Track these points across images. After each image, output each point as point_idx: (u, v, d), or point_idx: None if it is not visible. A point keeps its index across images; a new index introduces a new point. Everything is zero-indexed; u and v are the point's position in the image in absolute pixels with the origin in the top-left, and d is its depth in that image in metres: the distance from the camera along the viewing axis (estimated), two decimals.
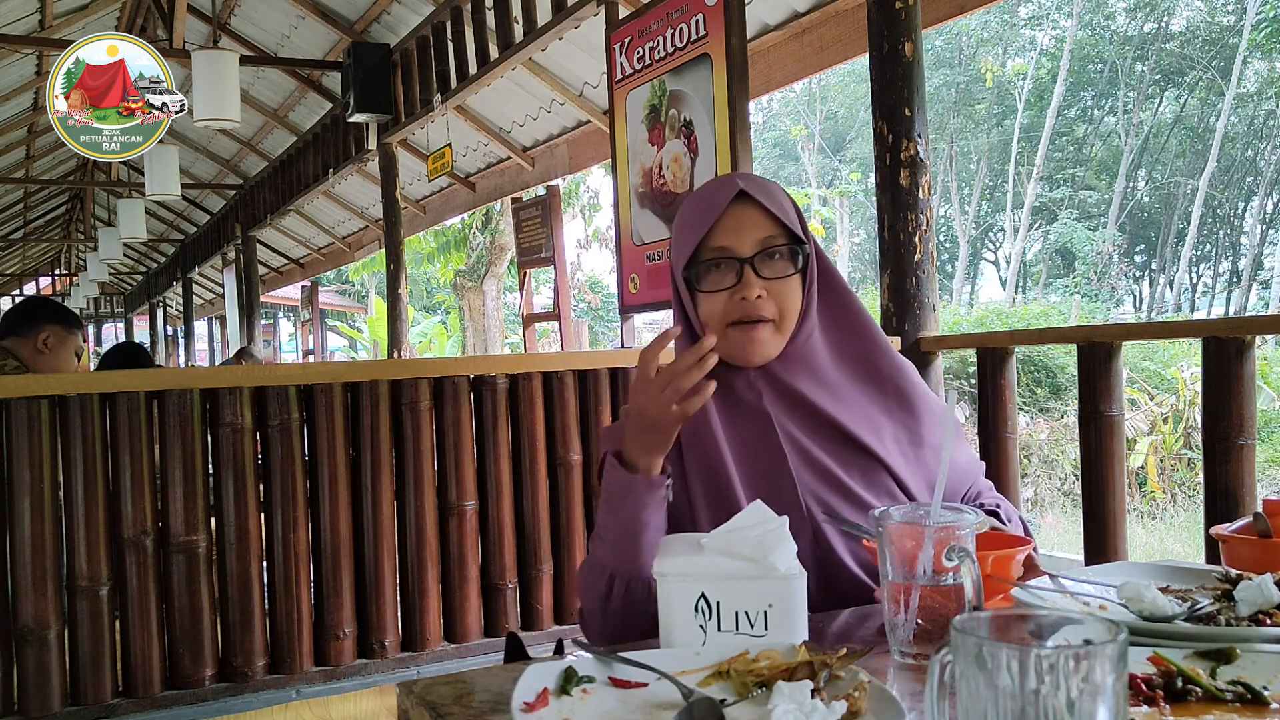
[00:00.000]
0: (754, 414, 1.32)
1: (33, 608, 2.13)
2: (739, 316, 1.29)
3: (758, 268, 1.29)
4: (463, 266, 11.86)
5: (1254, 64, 22.47)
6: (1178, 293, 25.02)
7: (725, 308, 1.29)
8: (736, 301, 1.28)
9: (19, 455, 2.12)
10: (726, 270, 1.30)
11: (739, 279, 1.29)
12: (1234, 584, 1.03)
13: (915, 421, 1.35)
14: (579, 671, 0.90)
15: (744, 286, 1.28)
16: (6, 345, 3.22)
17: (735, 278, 1.29)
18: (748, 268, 1.28)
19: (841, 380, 1.34)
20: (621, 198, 3.70)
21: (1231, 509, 2.11)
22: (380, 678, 2.45)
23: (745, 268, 1.28)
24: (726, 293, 1.29)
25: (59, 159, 11.30)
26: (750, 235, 1.29)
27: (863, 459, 1.31)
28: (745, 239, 1.29)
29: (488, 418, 2.59)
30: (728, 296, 1.29)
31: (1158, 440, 8.59)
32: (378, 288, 17.57)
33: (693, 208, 1.35)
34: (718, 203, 1.31)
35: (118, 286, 21.30)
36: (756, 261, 1.29)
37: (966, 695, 0.61)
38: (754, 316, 1.28)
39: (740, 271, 1.29)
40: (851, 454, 1.31)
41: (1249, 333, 2.15)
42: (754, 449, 1.31)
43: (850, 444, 1.31)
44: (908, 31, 2.75)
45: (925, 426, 1.36)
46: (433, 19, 5.66)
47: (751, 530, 1.00)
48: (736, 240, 1.29)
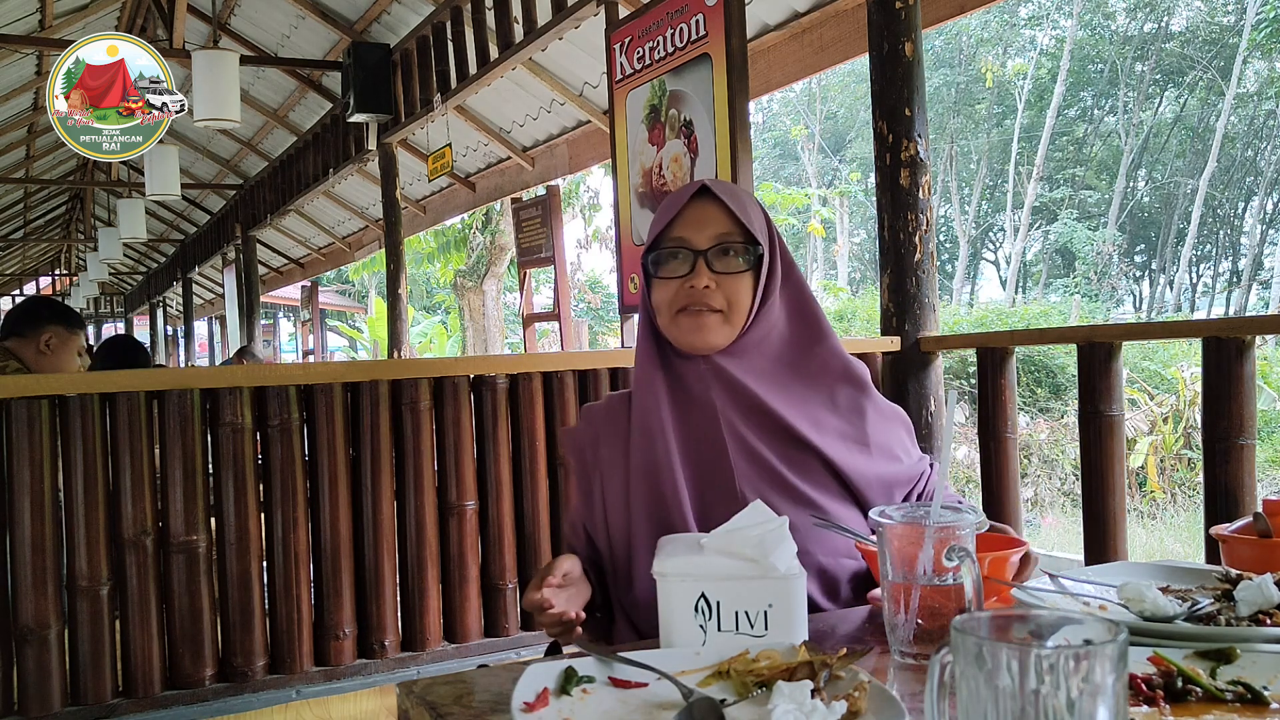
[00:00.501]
0: (701, 404, 1.37)
1: (33, 608, 2.13)
2: (686, 303, 1.36)
3: (710, 261, 1.36)
4: (463, 266, 11.86)
5: (1254, 64, 22.47)
6: (1178, 293, 25.02)
7: (675, 294, 1.37)
8: (686, 289, 1.36)
9: (19, 455, 2.12)
10: (683, 261, 1.37)
11: (691, 269, 1.36)
12: (1234, 584, 1.03)
13: (863, 421, 1.40)
14: (579, 671, 0.90)
15: (694, 276, 1.35)
16: (8, 346, 3.21)
17: (688, 268, 1.36)
18: (701, 259, 1.36)
19: (790, 377, 1.40)
20: (621, 198, 3.70)
21: (1231, 509, 2.11)
22: (380, 678, 2.45)
23: (699, 259, 1.36)
24: (678, 281, 1.37)
25: (59, 159, 11.30)
26: (708, 230, 1.37)
27: (804, 454, 1.35)
28: (703, 233, 1.37)
29: (488, 418, 2.59)
30: (679, 284, 1.36)
31: (1158, 440, 8.59)
32: (378, 288, 17.57)
33: (662, 203, 1.44)
34: (681, 197, 1.40)
35: (118, 286, 21.31)
36: (710, 255, 1.36)
37: (966, 695, 0.61)
38: (700, 304, 1.35)
39: (694, 263, 1.36)
40: (793, 449, 1.35)
41: (1249, 333, 2.15)
42: (697, 437, 1.36)
43: (792, 439, 1.35)
44: (908, 31, 2.75)
45: (873, 428, 1.41)
46: (433, 19, 5.66)
47: (751, 530, 1.00)
48: (695, 233, 1.37)
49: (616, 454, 1.41)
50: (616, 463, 1.40)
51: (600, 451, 1.43)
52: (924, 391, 2.85)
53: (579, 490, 1.47)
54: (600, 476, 1.42)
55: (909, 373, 2.84)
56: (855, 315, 13.35)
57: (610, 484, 1.40)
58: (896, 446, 1.43)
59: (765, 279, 1.38)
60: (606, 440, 1.43)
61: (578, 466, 1.47)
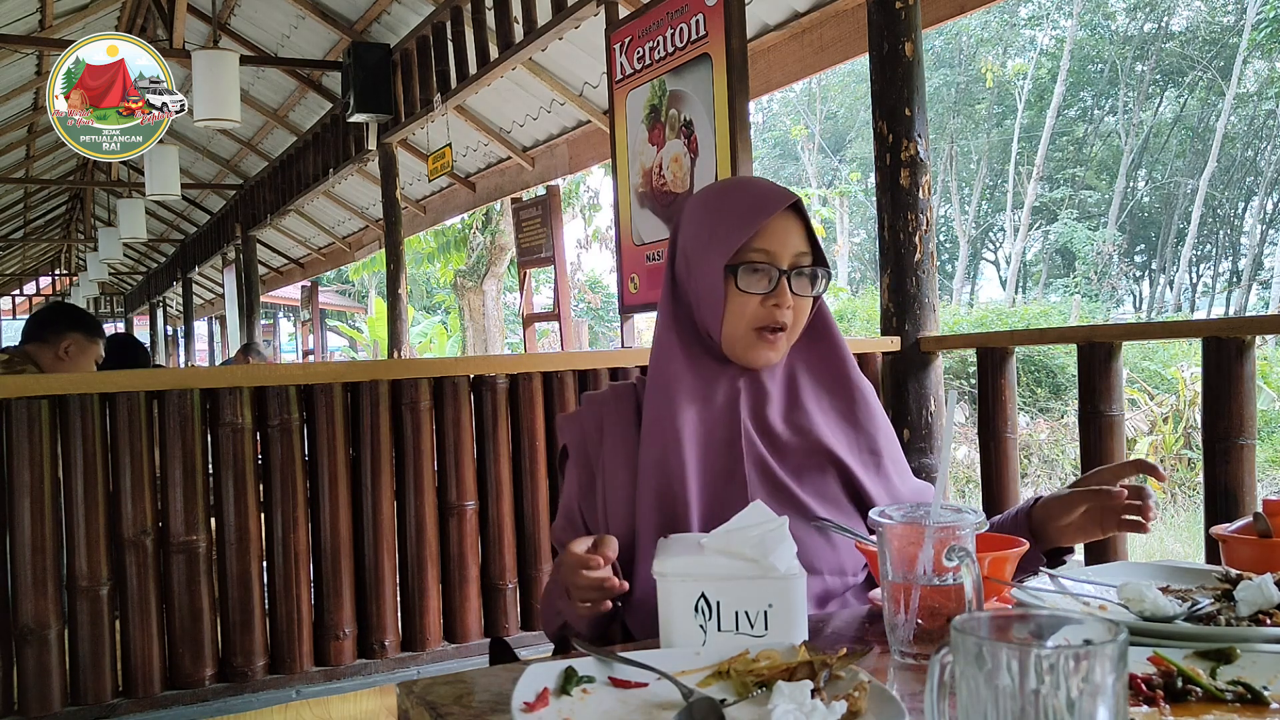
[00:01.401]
0: (724, 413, 1.35)
1: (33, 608, 2.13)
2: (768, 323, 1.32)
3: (791, 282, 1.33)
4: (463, 266, 11.86)
5: (1254, 64, 22.47)
6: (1178, 293, 25.02)
7: (756, 311, 1.32)
8: (769, 308, 1.32)
9: (19, 455, 2.12)
10: (765, 276, 1.33)
11: (773, 286, 1.32)
12: (1234, 584, 1.03)
13: (876, 433, 1.41)
14: (579, 671, 0.90)
15: (779, 295, 1.32)
16: (29, 350, 3.22)
17: (771, 285, 1.32)
18: (784, 279, 1.32)
19: (818, 391, 1.39)
20: (621, 198, 3.70)
21: (1231, 509, 2.11)
22: (380, 678, 2.45)
23: (782, 279, 1.32)
24: (760, 297, 1.32)
25: (59, 159, 11.30)
26: (790, 248, 1.33)
27: (823, 470, 1.35)
28: (786, 250, 1.33)
29: (488, 418, 2.59)
30: (760, 300, 1.32)
31: (1158, 440, 8.59)
32: (378, 288, 17.57)
33: (736, 201, 1.36)
34: (770, 206, 1.33)
35: (118, 286, 21.30)
36: (792, 276, 1.33)
37: (966, 695, 0.61)
38: (780, 325, 1.33)
39: (778, 281, 1.32)
40: (811, 465, 1.35)
41: (1249, 333, 2.15)
42: (715, 447, 1.34)
43: (815, 453, 1.35)
44: (908, 31, 2.75)
45: (884, 440, 1.41)
46: (433, 19, 5.66)
47: (751, 530, 1.00)
48: (780, 249, 1.33)
49: (622, 446, 1.38)
50: (621, 456, 1.37)
51: (604, 441, 1.39)
52: (924, 392, 2.85)
53: (577, 480, 1.42)
54: (603, 468, 1.38)
55: (909, 373, 2.84)
56: (855, 315, 13.35)
57: (614, 477, 1.37)
58: (900, 459, 1.44)
59: (821, 300, 1.39)
60: (611, 430, 1.39)
61: (578, 455, 1.42)
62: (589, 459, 1.41)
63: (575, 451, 1.43)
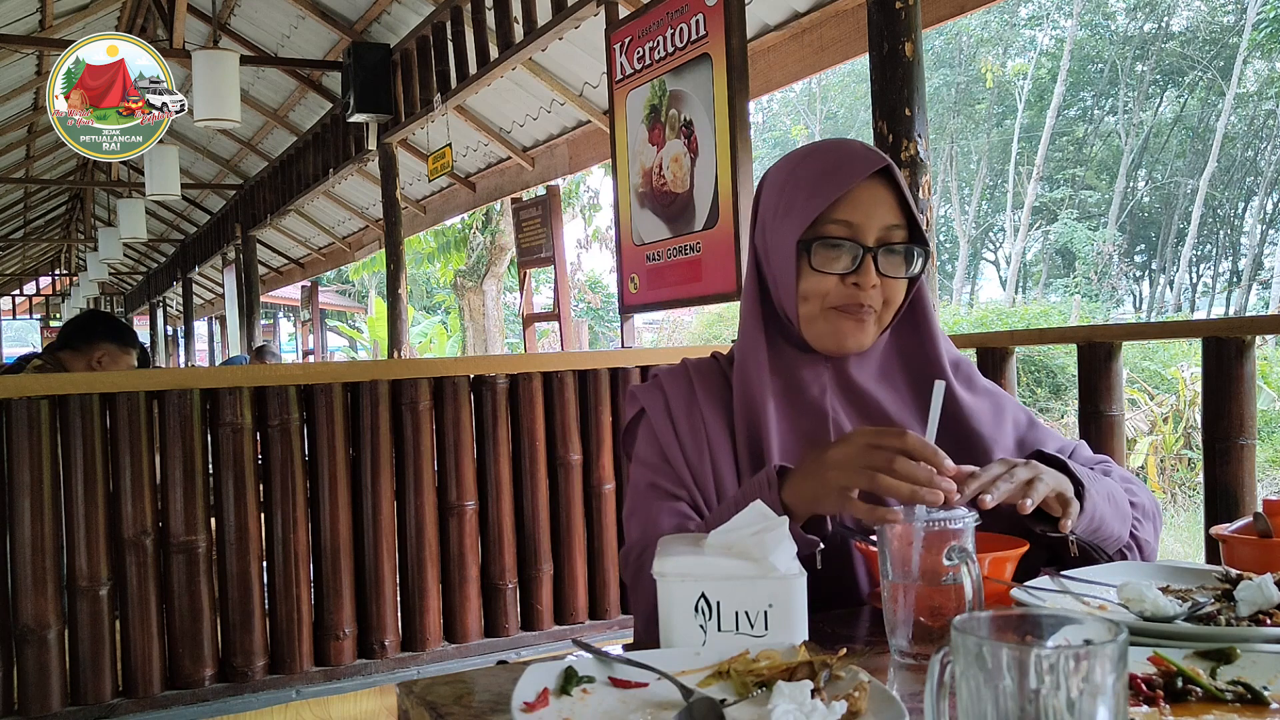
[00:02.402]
0: (812, 409, 1.23)
1: (33, 608, 2.13)
2: (846, 303, 1.17)
3: (878, 260, 1.17)
4: (463, 266, 11.87)
5: (1254, 64, 22.47)
6: (1178, 293, 25.03)
7: (835, 290, 1.18)
8: (848, 286, 1.17)
9: (19, 455, 2.12)
10: (847, 253, 1.17)
11: (856, 265, 1.16)
12: (1234, 584, 1.03)
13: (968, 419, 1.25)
14: (579, 671, 0.90)
15: (862, 274, 1.16)
16: (61, 356, 3.20)
17: (853, 263, 1.17)
18: (869, 257, 1.16)
19: (905, 379, 1.25)
20: (621, 198, 3.70)
21: (1231, 509, 2.11)
22: (380, 678, 2.46)
23: (867, 257, 1.16)
24: (839, 276, 1.17)
25: (59, 159, 11.31)
26: (878, 219, 1.17)
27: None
28: (873, 222, 1.17)
29: (488, 418, 2.59)
30: (839, 280, 1.17)
31: (1158, 440, 8.59)
32: (378, 288, 17.58)
33: (815, 166, 1.21)
34: (851, 171, 1.17)
35: (118, 286, 21.30)
36: (879, 253, 1.17)
37: (966, 695, 0.61)
38: (864, 304, 1.17)
39: (861, 259, 1.16)
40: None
41: (1249, 333, 2.15)
42: (801, 439, 1.22)
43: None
44: (908, 31, 2.75)
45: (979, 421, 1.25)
46: (433, 19, 5.66)
47: (751, 530, 1.00)
48: (865, 220, 1.17)
49: (720, 419, 1.23)
50: (720, 427, 1.23)
51: (704, 410, 1.24)
52: None
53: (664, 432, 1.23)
54: (707, 434, 1.23)
55: None
56: None
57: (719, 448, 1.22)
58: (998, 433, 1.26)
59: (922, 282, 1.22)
60: (707, 401, 1.25)
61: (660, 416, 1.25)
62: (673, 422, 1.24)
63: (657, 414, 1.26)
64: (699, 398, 1.25)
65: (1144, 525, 1.23)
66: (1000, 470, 1.06)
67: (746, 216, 3.13)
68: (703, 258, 3.26)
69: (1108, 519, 1.16)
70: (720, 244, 3.18)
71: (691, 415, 1.25)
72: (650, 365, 2.81)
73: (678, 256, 3.38)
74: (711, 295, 3.27)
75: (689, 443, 1.24)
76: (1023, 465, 1.08)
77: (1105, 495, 1.16)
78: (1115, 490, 1.20)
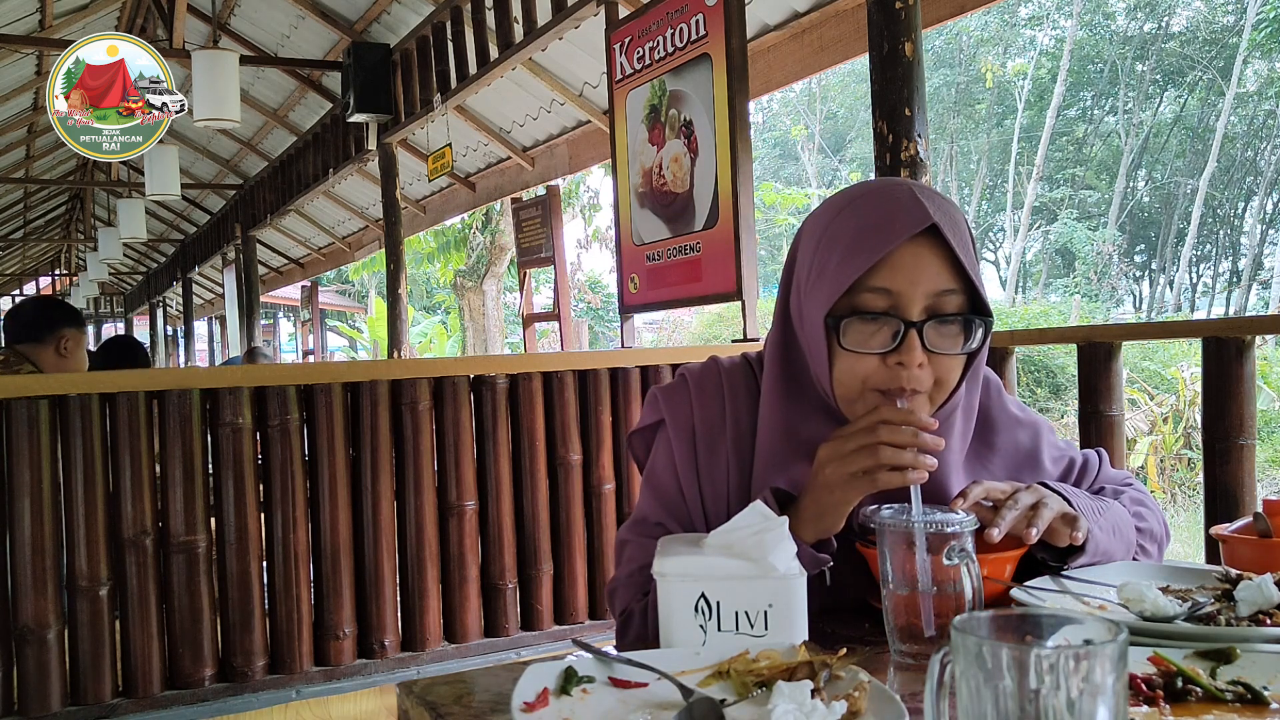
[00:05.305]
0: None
1: (33, 608, 2.13)
2: (890, 385, 1.02)
3: (924, 334, 1.01)
4: (463, 266, 11.87)
5: (1254, 64, 22.46)
6: (1178, 293, 25.02)
7: (874, 371, 1.02)
8: (891, 367, 1.01)
9: (19, 455, 2.12)
10: (885, 326, 1.01)
11: (898, 341, 1.01)
12: (1234, 584, 1.03)
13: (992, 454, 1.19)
14: (579, 671, 0.90)
15: (905, 352, 1.00)
16: (22, 350, 3.21)
17: (893, 338, 1.01)
18: (913, 332, 1.00)
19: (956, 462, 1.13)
20: (621, 198, 3.70)
21: (1231, 509, 2.11)
22: (380, 678, 2.46)
23: (910, 332, 1.00)
24: (879, 356, 1.02)
25: (59, 159, 11.30)
26: (924, 286, 1.00)
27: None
28: (918, 289, 1.00)
29: (488, 418, 2.59)
30: (880, 360, 1.02)
31: (1158, 440, 8.59)
32: (378, 288, 17.57)
33: (852, 223, 1.04)
34: (894, 231, 1.00)
35: (118, 286, 21.30)
36: (927, 327, 1.01)
37: (966, 695, 0.61)
38: (910, 388, 1.02)
39: (904, 335, 1.00)
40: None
41: (1249, 333, 2.15)
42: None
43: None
44: (908, 31, 2.75)
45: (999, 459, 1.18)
46: (433, 19, 5.66)
47: (751, 530, 1.00)
48: (908, 288, 1.00)
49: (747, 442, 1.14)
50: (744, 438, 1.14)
51: (730, 431, 1.15)
52: None
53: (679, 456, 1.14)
54: (728, 443, 1.14)
55: None
56: None
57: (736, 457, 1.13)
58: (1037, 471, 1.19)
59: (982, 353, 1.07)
60: (733, 410, 1.15)
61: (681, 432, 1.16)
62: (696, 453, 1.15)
63: (680, 436, 1.16)
64: (728, 418, 1.15)
65: (1145, 553, 1.22)
66: (1003, 496, 1.05)
67: (746, 216, 3.13)
68: (703, 258, 3.26)
69: (1112, 554, 1.14)
70: (720, 244, 3.19)
71: (715, 447, 1.15)
72: (650, 365, 2.81)
73: (678, 256, 3.38)
74: (711, 295, 3.27)
75: (706, 475, 1.15)
76: (1026, 490, 1.06)
77: (1110, 528, 1.13)
78: (1121, 519, 1.16)
